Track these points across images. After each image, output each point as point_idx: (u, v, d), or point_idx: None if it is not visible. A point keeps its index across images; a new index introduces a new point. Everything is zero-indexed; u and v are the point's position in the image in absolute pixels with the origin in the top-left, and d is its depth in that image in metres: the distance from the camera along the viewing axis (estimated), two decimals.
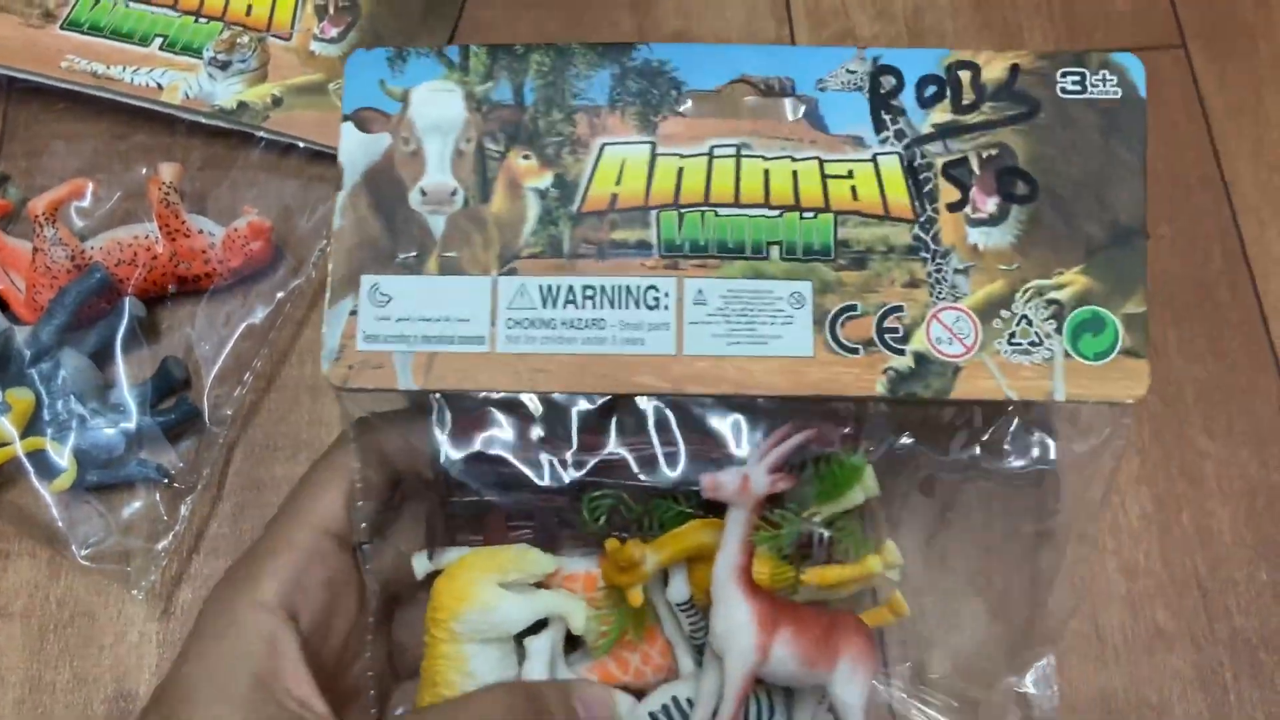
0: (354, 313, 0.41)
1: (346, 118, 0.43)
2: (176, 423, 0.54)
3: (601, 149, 0.42)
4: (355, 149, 0.42)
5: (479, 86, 0.43)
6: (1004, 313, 0.41)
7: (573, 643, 0.44)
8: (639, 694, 0.43)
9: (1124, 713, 0.53)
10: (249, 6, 0.61)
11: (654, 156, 0.42)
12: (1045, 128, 0.42)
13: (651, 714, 0.43)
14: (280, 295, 0.57)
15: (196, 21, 0.61)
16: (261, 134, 0.58)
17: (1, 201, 0.59)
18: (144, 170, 0.60)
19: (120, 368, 0.56)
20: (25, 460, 0.53)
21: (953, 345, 0.41)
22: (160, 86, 0.60)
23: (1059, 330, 0.41)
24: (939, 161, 0.42)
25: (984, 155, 0.42)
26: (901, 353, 0.41)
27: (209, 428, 0.55)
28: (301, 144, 0.58)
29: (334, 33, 0.60)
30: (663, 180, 0.42)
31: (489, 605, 0.41)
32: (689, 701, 0.43)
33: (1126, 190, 0.42)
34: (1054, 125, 0.42)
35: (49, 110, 0.63)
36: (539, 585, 0.43)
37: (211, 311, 0.58)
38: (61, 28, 0.61)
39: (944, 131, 0.42)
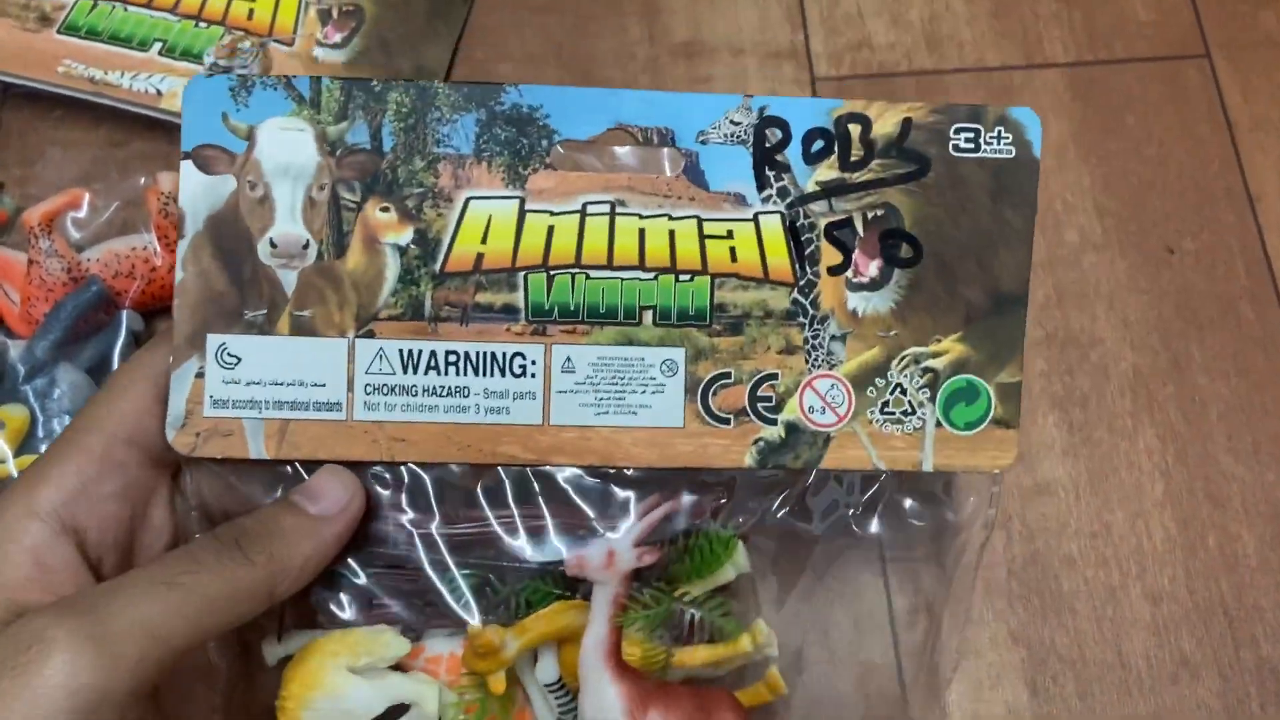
0: (200, 375, 0.40)
1: (186, 155, 0.40)
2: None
3: (466, 203, 0.41)
4: (197, 192, 0.40)
5: (332, 127, 0.41)
6: (879, 380, 0.42)
7: None
8: None
9: None
10: (250, 10, 0.61)
11: (522, 213, 0.41)
12: (934, 188, 0.43)
13: None
14: None
15: (197, 26, 0.61)
16: None
17: None
18: (142, 180, 0.60)
19: None
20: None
21: (825, 414, 0.42)
22: (159, 93, 0.60)
23: (932, 399, 0.42)
24: (822, 222, 0.42)
25: (869, 216, 0.43)
26: (773, 423, 0.42)
27: None
28: None
29: (338, 38, 0.61)
30: (531, 239, 0.41)
31: (338, 691, 0.41)
32: None
33: (1011, 255, 0.43)
34: (943, 185, 0.43)
35: (45, 117, 0.63)
36: (398, 667, 0.42)
37: None
38: (58, 32, 0.61)
39: (829, 190, 0.42)
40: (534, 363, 0.41)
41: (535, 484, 0.42)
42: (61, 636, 0.33)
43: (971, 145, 0.42)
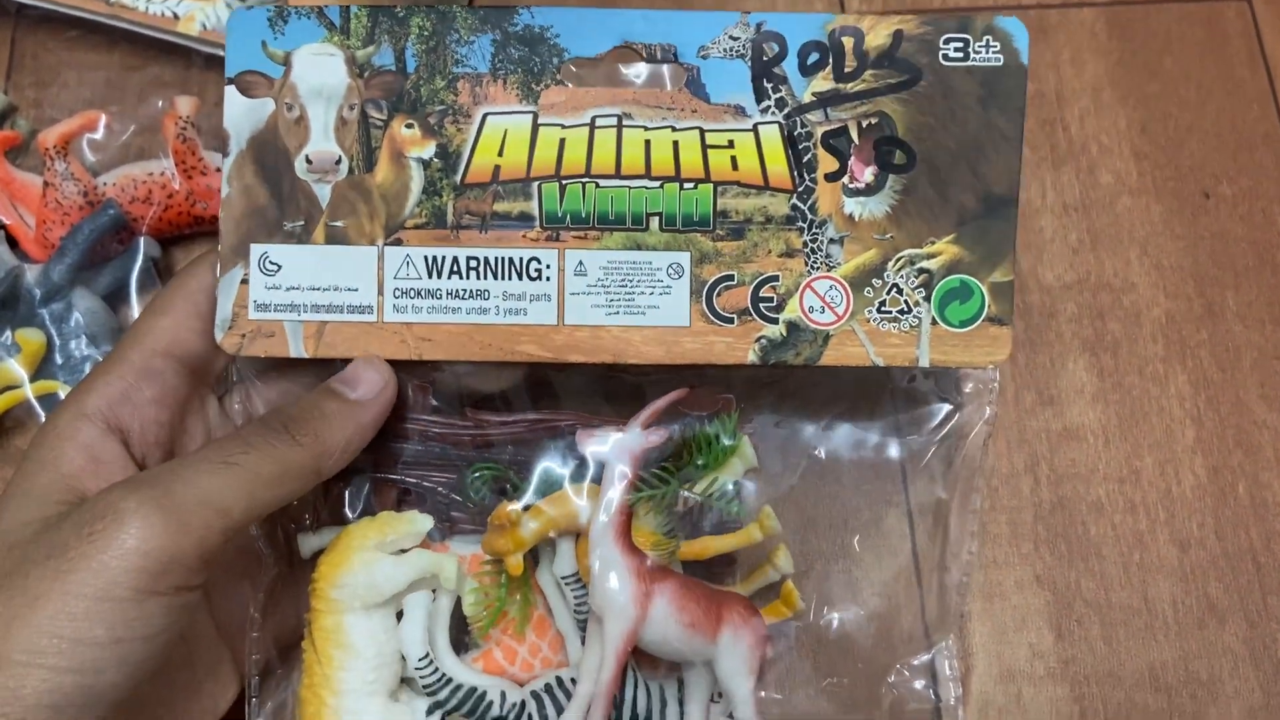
0: (245, 281, 0.55)
1: (230, 81, 0.55)
2: None
3: (484, 119, 0.56)
4: (240, 115, 0.55)
5: (360, 51, 0.56)
6: (875, 281, 0.56)
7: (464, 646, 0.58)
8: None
9: (1173, 688, 0.65)
10: None
11: (536, 127, 0.56)
12: (925, 96, 0.56)
13: (534, 693, 0.56)
14: None
15: None
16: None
17: (10, 133, 0.71)
18: (159, 103, 0.72)
19: (135, 311, 0.68)
20: (35, 404, 0.65)
21: (824, 314, 0.56)
22: (176, 16, 0.71)
23: (927, 298, 0.56)
24: (819, 131, 0.56)
25: (863, 124, 0.56)
26: (775, 321, 0.55)
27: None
28: None
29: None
30: (545, 151, 0.55)
31: (364, 568, 0.54)
32: (573, 681, 0.56)
33: (1001, 159, 0.56)
34: (934, 94, 0.56)
35: (58, 38, 0.75)
36: None
37: None
38: None
39: (824, 100, 0.56)
40: (548, 266, 0.55)
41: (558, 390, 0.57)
42: (134, 506, 0.46)
43: (961, 55, 0.56)
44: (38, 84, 0.75)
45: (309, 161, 0.55)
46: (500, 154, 0.56)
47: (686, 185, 0.56)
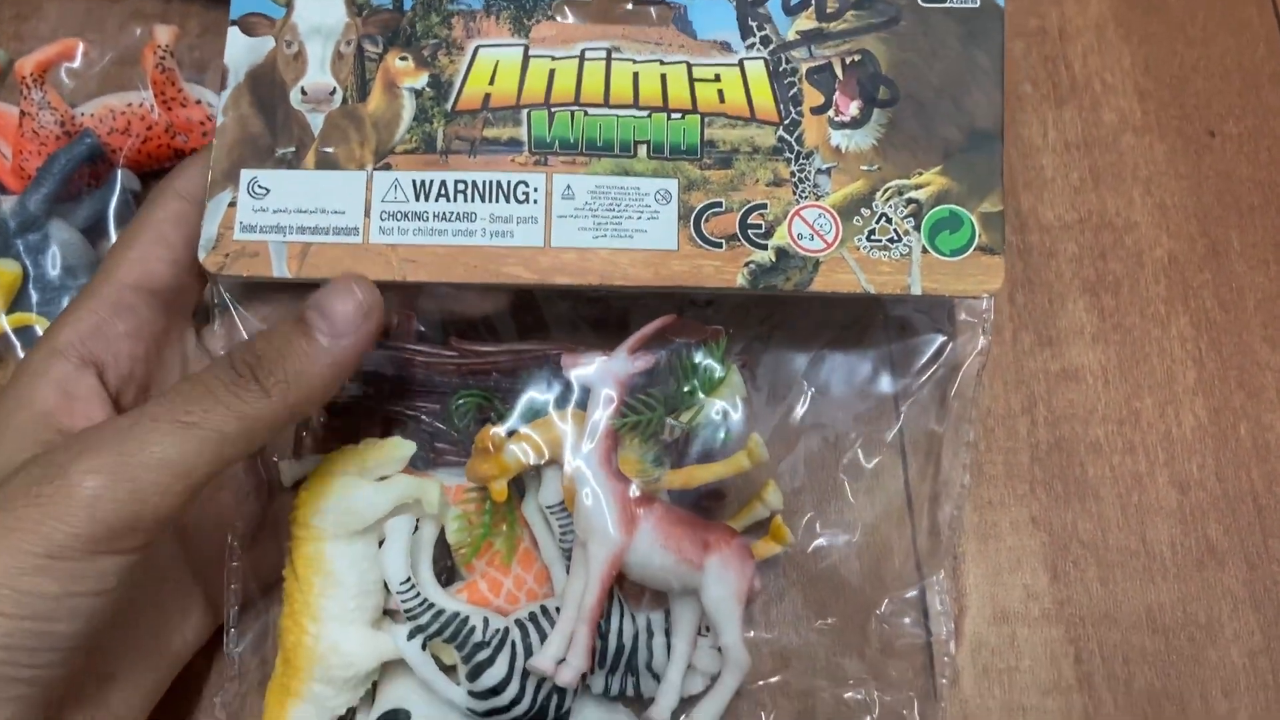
0: (233, 204, 0.59)
1: (234, 22, 0.60)
2: None
3: (476, 51, 0.61)
4: (240, 51, 0.60)
5: None
6: (864, 211, 0.60)
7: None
8: None
9: (1170, 630, 0.69)
10: None
11: (526, 58, 0.61)
12: (906, 35, 0.61)
13: (518, 621, 0.60)
14: None
15: None
16: None
17: None
18: (138, 32, 0.76)
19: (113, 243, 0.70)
20: (12, 336, 0.69)
21: (813, 241, 0.60)
22: None
23: (917, 228, 0.60)
24: (803, 67, 0.61)
25: (847, 61, 0.61)
26: (764, 247, 0.59)
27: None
28: None
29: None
30: (534, 81, 0.60)
31: (345, 494, 0.58)
32: (558, 610, 0.60)
33: (984, 95, 0.61)
34: (914, 33, 0.61)
35: None
36: None
37: None
38: None
39: (808, 38, 0.61)
40: (536, 190, 0.59)
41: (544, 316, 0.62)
42: (83, 472, 0.48)
43: None
44: (18, 17, 0.79)
45: (304, 93, 0.60)
46: (491, 83, 0.60)
47: (674, 115, 0.60)
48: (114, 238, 0.72)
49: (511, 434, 0.59)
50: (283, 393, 0.52)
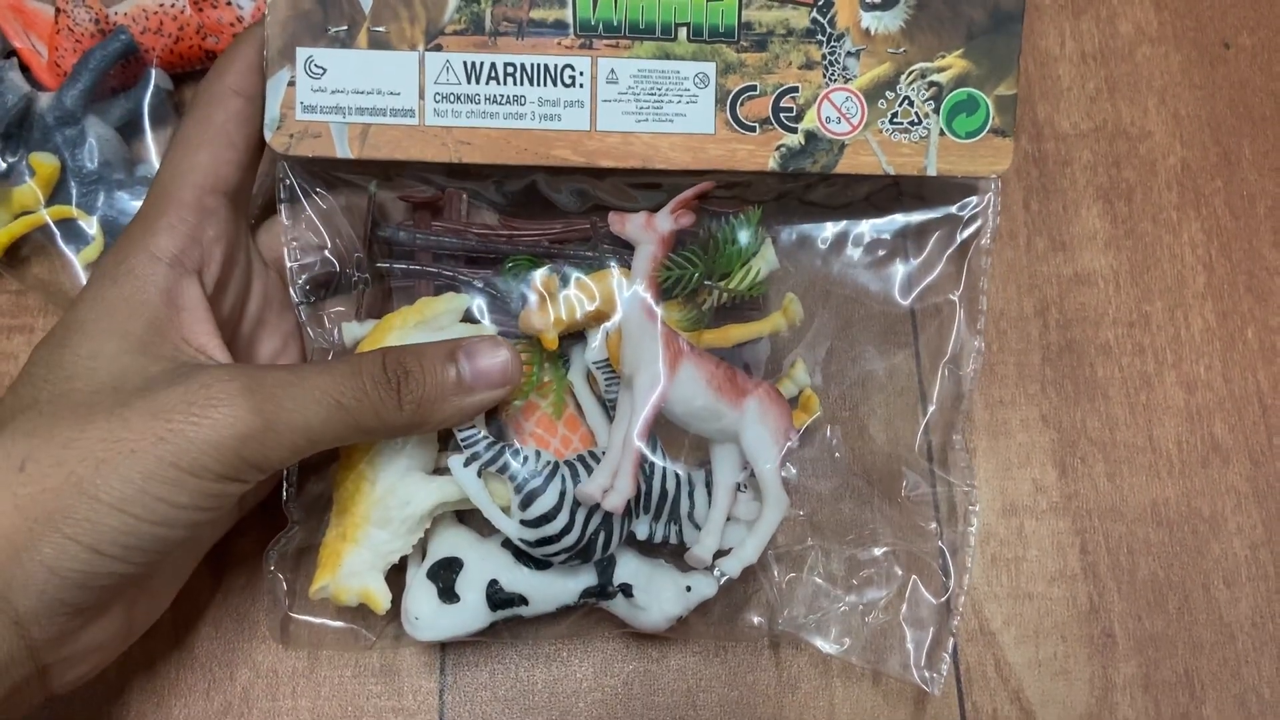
0: (291, 84, 0.75)
1: None
2: None
3: None
4: None
5: None
6: (889, 94, 0.77)
7: None
8: None
9: (1175, 523, 0.84)
10: None
11: None
12: None
13: (567, 461, 0.74)
14: None
15: None
16: None
17: None
18: None
19: (149, 142, 0.86)
20: (52, 226, 0.83)
21: (840, 124, 0.77)
22: None
23: (936, 110, 0.77)
24: None
25: None
26: (794, 131, 0.77)
27: None
28: None
29: None
30: None
31: (400, 343, 0.72)
32: (604, 453, 0.73)
33: None
34: None
35: None
36: None
37: None
38: None
39: None
40: (582, 74, 0.75)
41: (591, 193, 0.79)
42: (244, 408, 0.62)
43: None
44: None
45: None
46: None
47: None
48: (149, 134, 0.86)
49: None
50: (412, 413, 0.68)
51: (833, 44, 0.77)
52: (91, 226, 0.83)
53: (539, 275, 0.76)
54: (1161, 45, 0.96)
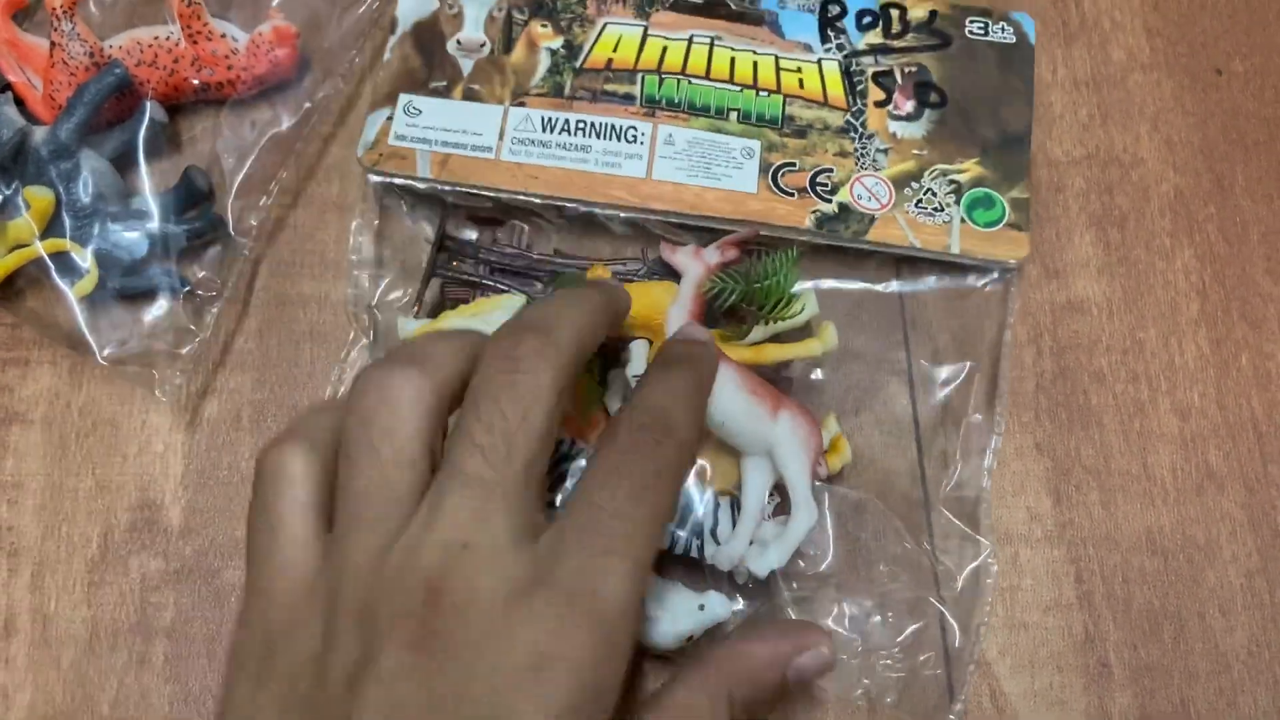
0: (390, 119, 0.94)
1: None
2: (201, 231, 0.91)
3: (604, 25, 0.98)
4: (409, 7, 0.98)
5: None
6: (914, 184, 0.94)
7: None
8: None
9: (1170, 551, 0.89)
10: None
11: (645, 36, 0.97)
12: (955, 57, 0.98)
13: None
14: (307, 105, 0.97)
15: None
16: None
17: None
18: None
19: (143, 174, 0.93)
20: (48, 260, 0.88)
21: (871, 202, 0.93)
22: None
23: (957, 202, 0.93)
24: (869, 70, 0.98)
25: (906, 70, 0.98)
26: (829, 201, 0.93)
27: (233, 239, 0.93)
28: None
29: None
30: (650, 53, 0.97)
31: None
32: None
33: (1016, 109, 0.97)
34: (962, 56, 0.98)
35: None
36: None
37: (235, 121, 0.96)
38: None
39: (876, 50, 0.98)
40: (643, 134, 0.93)
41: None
42: None
43: (982, 31, 0.99)
44: None
45: (459, 43, 0.97)
46: (614, 50, 0.98)
47: (761, 93, 0.96)
48: (144, 167, 0.93)
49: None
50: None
51: (863, 140, 0.96)
52: (86, 259, 0.89)
53: (595, 266, 0.92)
54: (1153, 72, 1.05)
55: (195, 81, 0.96)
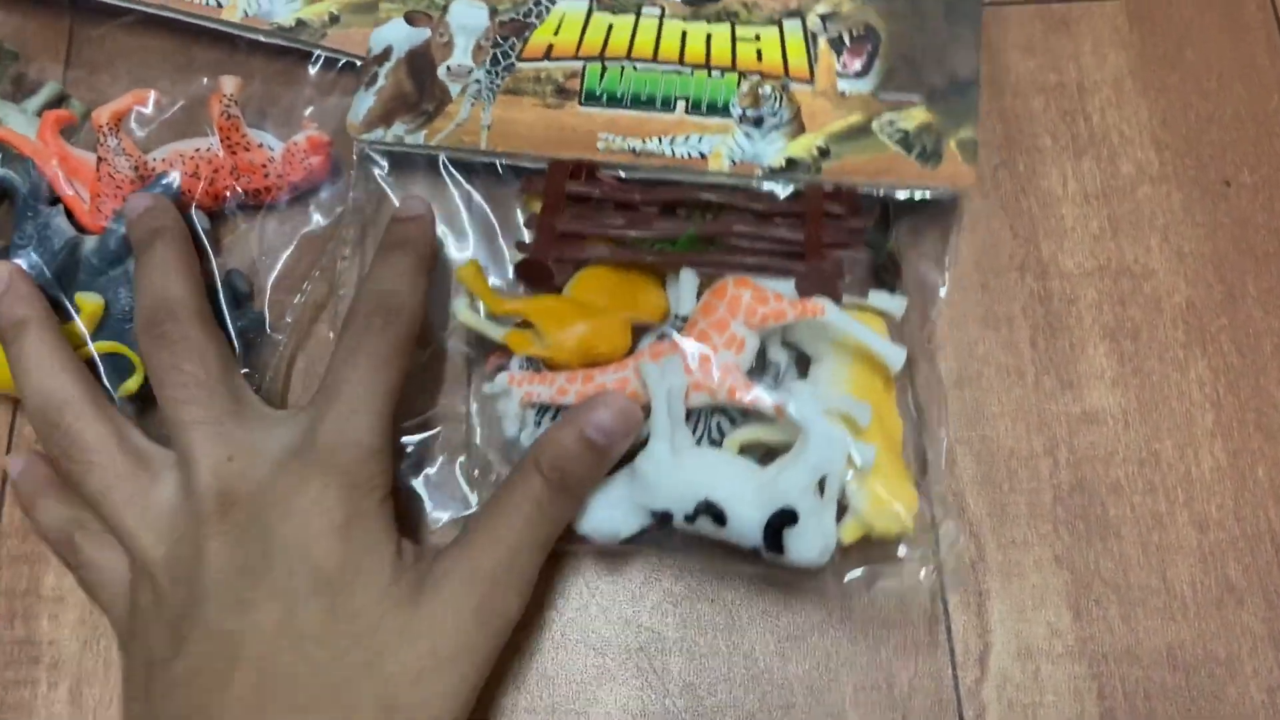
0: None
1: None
2: (243, 330, 0.91)
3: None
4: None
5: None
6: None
7: None
8: None
9: (1191, 667, 0.86)
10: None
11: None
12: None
13: None
14: (340, 209, 0.99)
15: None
16: (319, 51, 1.02)
17: (65, 112, 0.97)
18: (205, 81, 1.02)
19: None
20: (99, 361, 0.90)
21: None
22: (219, 4, 1.03)
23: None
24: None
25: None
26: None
27: (270, 335, 0.95)
28: (358, 61, 1.01)
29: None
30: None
31: None
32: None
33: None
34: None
35: (111, 27, 1.07)
36: None
37: (272, 225, 1.00)
38: None
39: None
40: None
41: None
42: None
43: None
44: (91, 71, 1.07)
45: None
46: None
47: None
48: None
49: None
50: (581, 496, 0.83)
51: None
52: (135, 360, 0.90)
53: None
54: (1163, 184, 1.03)
55: (235, 190, 0.98)
